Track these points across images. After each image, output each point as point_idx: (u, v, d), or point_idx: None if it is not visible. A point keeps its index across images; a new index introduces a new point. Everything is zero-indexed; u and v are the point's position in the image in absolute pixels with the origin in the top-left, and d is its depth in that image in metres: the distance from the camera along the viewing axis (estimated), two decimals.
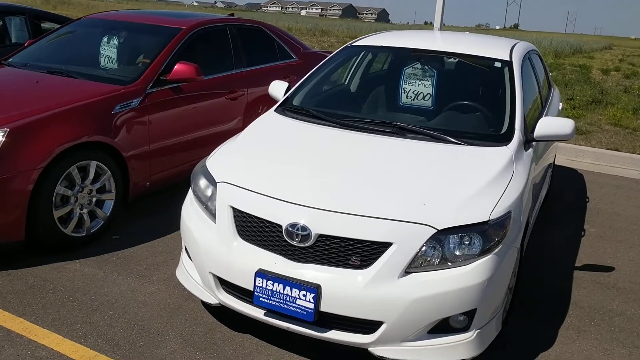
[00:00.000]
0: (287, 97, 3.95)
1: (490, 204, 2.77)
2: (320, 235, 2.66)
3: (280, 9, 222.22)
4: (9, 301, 3.24)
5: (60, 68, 4.51)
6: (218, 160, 3.24)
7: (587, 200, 5.74)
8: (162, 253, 3.95)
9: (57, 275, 3.56)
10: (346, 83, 4.46)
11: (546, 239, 4.63)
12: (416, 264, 2.61)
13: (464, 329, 2.69)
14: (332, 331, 2.70)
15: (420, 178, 2.91)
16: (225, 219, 2.90)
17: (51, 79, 4.31)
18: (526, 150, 3.40)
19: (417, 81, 3.90)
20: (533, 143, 3.56)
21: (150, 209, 4.69)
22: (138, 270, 3.70)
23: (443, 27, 8.55)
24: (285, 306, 2.68)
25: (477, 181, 2.90)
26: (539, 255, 4.32)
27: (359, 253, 2.63)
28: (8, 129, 3.47)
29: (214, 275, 2.92)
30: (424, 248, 2.62)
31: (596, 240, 4.71)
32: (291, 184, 2.87)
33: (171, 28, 4.84)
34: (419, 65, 3.95)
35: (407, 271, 2.61)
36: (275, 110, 3.80)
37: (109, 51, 4.87)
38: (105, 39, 4.89)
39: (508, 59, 3.90)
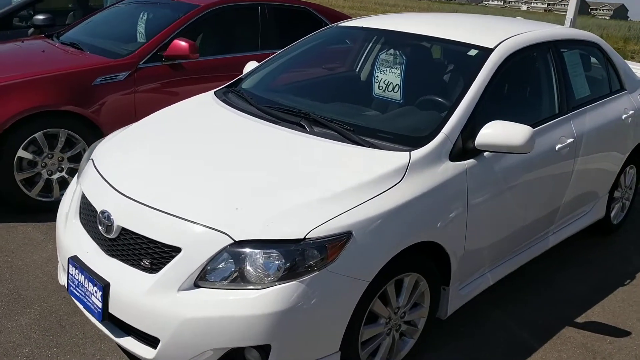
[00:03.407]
0: (239, 78, 3.62)
1: (318, 218, 2.19)
2: (123, 229, 2.36)
3: (502, 3, 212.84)
4: None
5: (78, 40, 4.70)
6: (111, 138, 3.08)
7: None
8: None
9: (1, 233, 3.73)
10: (314, 67, 3.94)
11: (562, 284, 3.64)
12: (209, 278, 2.18)
13: None
14: (129, 338, 2.38)
15: (265, 180, 2.41)
16: (75, 196, 2.74)
17: (56, 50, 4.51)
18: (457, 160, 2.66)
19: (388, 69, 3.31)
20: (485, 153, 2.78)
21: None
22: None
23: None
24: (85, 300, 2.44)
25: (326, 190, 2.33)
26: (533, 301, 3.41)
27: (152, 255, 2.27)
28: None
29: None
30: (217, 259, 2.17)
31: (638, 294, 3.58)
32: (127, 170, 2.59)
33: (187, 4, 4.77)
34: (391, 51, 3.34)
35: (198, 284, 2.18)
36: (215, 92, 3.50)
37: (140, 26, 4.98)
38: (141, 15, 5.02)
39: (491, 46, 3.09)
